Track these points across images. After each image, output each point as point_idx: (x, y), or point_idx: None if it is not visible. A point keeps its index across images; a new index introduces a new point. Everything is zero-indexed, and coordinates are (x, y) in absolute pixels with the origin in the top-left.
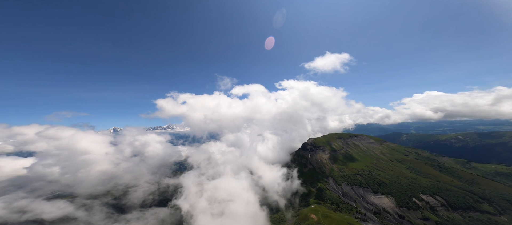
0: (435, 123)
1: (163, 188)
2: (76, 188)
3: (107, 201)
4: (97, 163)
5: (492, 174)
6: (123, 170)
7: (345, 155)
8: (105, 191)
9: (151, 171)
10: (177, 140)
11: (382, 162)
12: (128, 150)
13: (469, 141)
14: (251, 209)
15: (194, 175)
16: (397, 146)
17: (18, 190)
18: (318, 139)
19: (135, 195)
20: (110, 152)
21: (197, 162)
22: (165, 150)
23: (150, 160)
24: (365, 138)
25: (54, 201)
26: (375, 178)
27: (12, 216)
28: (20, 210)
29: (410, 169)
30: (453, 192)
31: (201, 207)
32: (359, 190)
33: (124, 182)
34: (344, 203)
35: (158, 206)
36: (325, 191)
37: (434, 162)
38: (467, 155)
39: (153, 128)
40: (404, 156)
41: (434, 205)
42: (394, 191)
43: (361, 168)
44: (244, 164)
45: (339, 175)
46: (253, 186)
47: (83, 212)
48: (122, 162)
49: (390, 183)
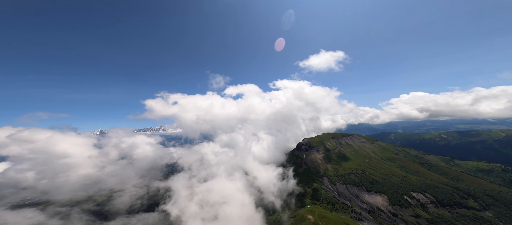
0: (420, 123)
1: (152, 192)
2: (53, 194)
3: (89, 208)
4: (78, 167)
5: (474, 170)
6: (108, 174)
7: (338, 155)
8: (87, 196)
9: (139, 174)
10: (168, 142)
11: (374, 161)
12: (114, 152)
13: (451, 139)
14: (246, 211)
15: (184, 178)
16: (387, 145)
17: None
18: (312, 139)
19: (121, 200)
20: (94, 155)
21: (188, 163)
22: (155, 152)
23: (139, 162)
24: (357, 137)
25: (21, 209)
26: (368, 177)
27: None
28: None
29: (400, 167)
30: (441, 189)
31: (191, 212)
32: (354, 189)
33: (108, 187)
34: (339, 203)
35: (147, 211)
36: (320, 191)
37: (421, 160)
38: (450, 152)
39: (144, 130)
40: (394, 155)
41: (424, 203)
42: (387, 189)
43: (354, 167)
44: (238, 165)
45: (333, 175)
46: (248, 187)
47: (57, 221)
48: (107, 166)
49: (382, 181)
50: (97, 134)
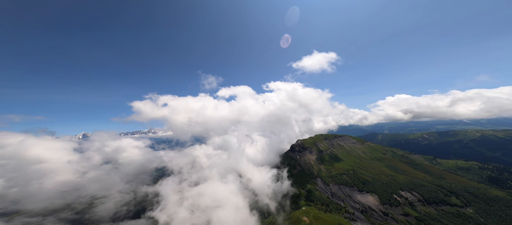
0: (404, 124)
1: (140, 197)
2: (24, 203)
3: (66, 217)
4: (55, 173)
5: (454, 168)
6: (89, 180)
7: (331, 156)
8: (65, 204)
9: (126, 180)
10: (158, 145)
11: (364, 161)
12: (97, 157)
13: (432, 139)
14: (241, 214)
15: (174, 182)
16: (376, 145)
17: None
18: (306, 141)
19: (104, 207)
20: (74, 160)
21: (178, 167)
22: (144, 156)
23: (125, 167)
24: (348, 138)
25: None
26: (360, 177)
27: None
28: None
29: (388, 166)
30: (427, 188)
31: (181, 218)
32: (346, 189)
33: (90, 193)
34: (333, 203)
35: (134, 218)
36: (314, 192)
37: (407, 159)
38: (432, 152)
39: (132, 133)
40: (382, 155)
41: (412, 201)
42: (377, 189)
43: (346, 167)
44: (232, 167)
45: (326, 176)
46: (242, 189)
47: None
48: (89, 171)
49: (373, 181)
50: (79, 138)
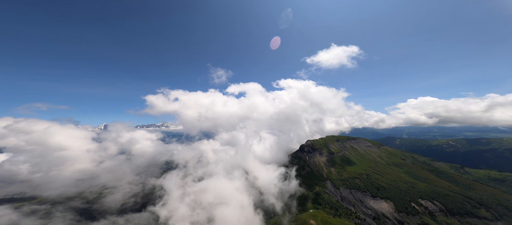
0: (426, 129)
1: (148, 190)
2: (43, 189)
3: (76, 206)
4: (75, 160)
5: (485, 179)
6: (103, 170)
7: (343, 158)
8: (77, 193)
9: (136, 171)
10: (169, 138)
11: (380, 166)
12: (113, 147)
13: (459, 146)
14: (244, 213)
15: (178, 176)
16: (394, 150)
17: None
18: (316, 141)
19: (113, 198)
20: (92, 149)
21: (184, 160)
22: (155, 148)
23: (137, 158)
24: (362, 141)
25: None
26: (374, 182)
27: None
28: None
29: (407, 173)
30: (451, 197)
31: (180, 214)
32: (358, 194)
33: (101, 183)
34: (343, 208)
35: (140, 211)
36: (323, 195)
37: (430, 166)
38: (458, 160)
39: (147, 126)
40: (401, 160)
41: (433, 211)
42: (393, 195)
43: (359, 171)
44: (238, 164)
45: (337, 179)
46: (248, 187)
47: (33, 221)
48: (105, 160)
49: (388, 187)
50: (101, 128)
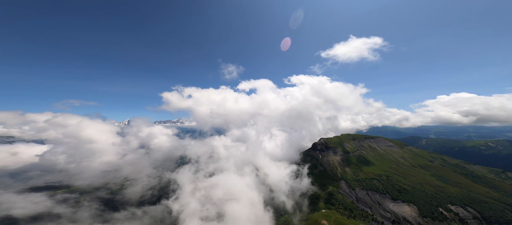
0: (459, 128)
1: (164, 183)
2: (76, 179)
3: (101, 196)
4: (102, 153)
5: None
6: (126, 162)
7: (359, 158)
8: (103, 184)
9: (154, 165)
10: (184, 134)
11: (402, 168)
12: (134, 141)
13: (500, 148)
14: (254, 210)
15: (190, 171)
16: (420, 150)
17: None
18: (330, 140)
19: (133, 190)
20: (116, 143)
21: (196, 155)
22: (171, 143)
23: (155, 153)
24: (383, 140)
25: (34, 193)
26: (395, 184)
27: None
28: None
29: (436, 176)
30: (489, 205)
31: (191, 209)
32: (376, 196)
33: (123, 175)
34: (358, 209)
35: (156, 203)
36: (336, 195)
37: (464, 170)
38: (498, 163)
39: (164, 122)
40: (428, 162)
41: (465, 217)
42: (417, 199)
43: (378, 172)
44: (249, 160)
45: (353, 179)
46: (258, 184)
47: (64, 208)
48: (128, 154)
49: (412, 190)
50: (125, 123)
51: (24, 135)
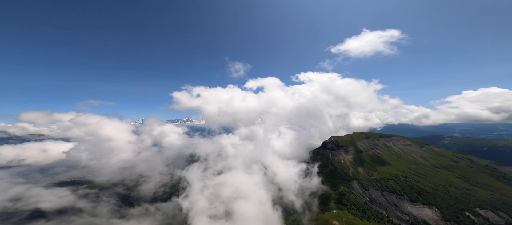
0: (488, 126)
1: (175, 180)
2: (97, 174)
3: (118, 192)
4: (119, 150)
5: None
6: (140, 160)
7: (373, 157)
8: (120, 180)
9: (166, 163)
10: (193, 132)
11: (422, 168)
12: (148, 140)
13: None
14: (263, 209)
15: (198, 169)
16: (443, 150)
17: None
18: (341, 138)
19: (147, 187)
20: (132, 141)
21: (205, 154)
22: (182, 142)
23: (166, 151)
24: (400, 139)
25: (59, 188)
26: (414, 186)
27: (6, 205)
28: (14, 198)
29: (461, 178)
30: None
31: (200, 207)
32: (392, 197)
33: (139, 172)
34: (372, 211)
35: (168, 200)
36: (348, 195)
37: (495, 171)
38: None
39: (175, 121)
40: (452, 163)
41: (496, 223)
42: (440, 201)
43: (394, 172)
44: (257, 158)
45: (366, 179)
46: (266, 182)
47: (85, 203)
48: (142, 151)
49: (434, 192)
50: (140, 122)
51: (52, 133)
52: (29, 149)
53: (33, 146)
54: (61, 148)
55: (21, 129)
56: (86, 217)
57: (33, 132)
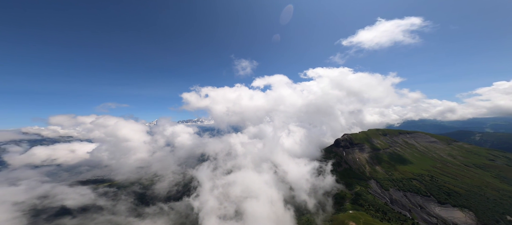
0: None
1: (187, 179)
2: (116, 174)
3: (135, 190)
4: (136, 150)
5: None
6: (155, 159)
7: (392, 156)
8: (136, 179)
9: (178, 162)
10: (203, 132)
11: (451, 167)
12: (161, 140)
13: None
14: (274, 209)
15: (208, 168)
16: (475, 147)
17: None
18: (355, 135)
19: (161, 186)
20: (147, 141)
21: (214, 153)
22: (193, 141)
23: (178, 150)
24: (422, 135)
25: (81, 186)
26: (442, 186)
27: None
28: (42, 196)
29: (499, 178)
30: None
31: (210, 207)
32: (417, 198)
33: (153, 171)
34: (393, 212)
35: (179, 199)
36: (365, 195)
37: None
38: None
39: (186, 121)
40: (487, 161)
41: None
42: (474, 204)
43: (418, 172)
44: (266, 157)
45: (385, 179)
46: (277, 181)
47: (105, 201)
48: (157, 151)
49: (466, 193)
50: (154, 123)
51: (79, 135)
52: (59, 149)
53: (63, 146)
54: (86, 149)
55: (53, 132)
56: (107, 215)
57: (63, 134)
